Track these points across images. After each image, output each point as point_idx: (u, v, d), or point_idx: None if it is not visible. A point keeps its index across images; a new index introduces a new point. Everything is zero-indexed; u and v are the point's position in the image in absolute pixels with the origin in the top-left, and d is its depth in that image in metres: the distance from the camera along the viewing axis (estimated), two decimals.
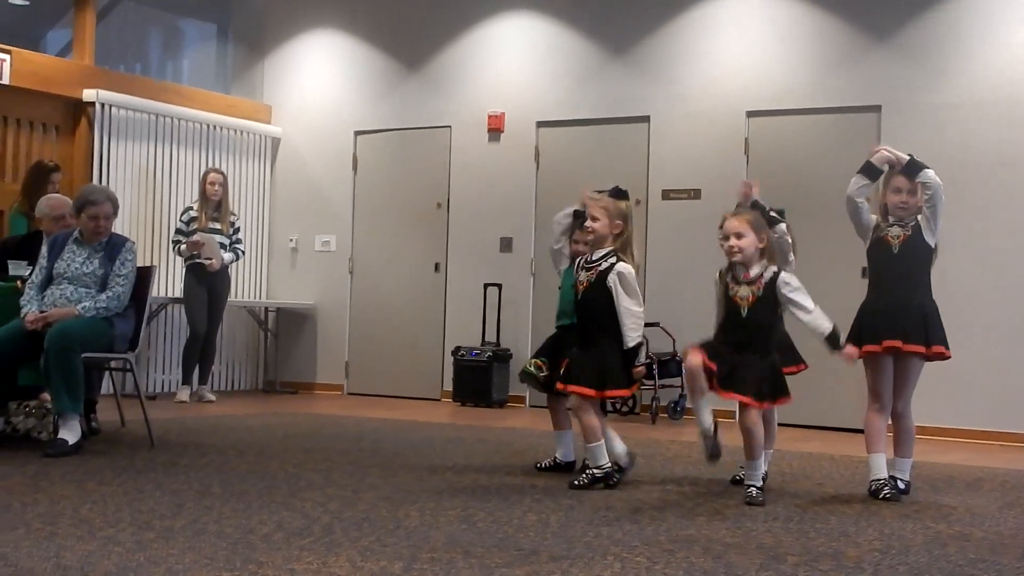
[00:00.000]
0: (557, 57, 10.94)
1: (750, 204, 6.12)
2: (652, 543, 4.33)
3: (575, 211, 6.08)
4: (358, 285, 11.84)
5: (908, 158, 5.68)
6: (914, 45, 9.45)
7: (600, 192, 5.96)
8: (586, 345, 5.77)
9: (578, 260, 5.92)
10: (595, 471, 5.71)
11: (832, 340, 5.49)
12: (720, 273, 5.67)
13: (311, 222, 12.08)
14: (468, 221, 11.23)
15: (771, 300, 5.53)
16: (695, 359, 5.41)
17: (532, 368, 6.25)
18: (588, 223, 5.76)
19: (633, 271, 5.74)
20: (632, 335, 5.68)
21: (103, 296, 6.59)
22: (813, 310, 5.51)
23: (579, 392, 5.68)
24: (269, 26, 12.44)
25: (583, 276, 5.77)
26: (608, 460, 5.75)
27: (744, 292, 5.57)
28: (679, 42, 10.37)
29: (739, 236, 5.54)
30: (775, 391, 5.57)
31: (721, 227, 5.62)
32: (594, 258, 5.76)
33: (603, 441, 5.74)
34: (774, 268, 5.58)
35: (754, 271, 5.56)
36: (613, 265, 5.70)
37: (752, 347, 5.52)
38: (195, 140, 11.51)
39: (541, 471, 6.25)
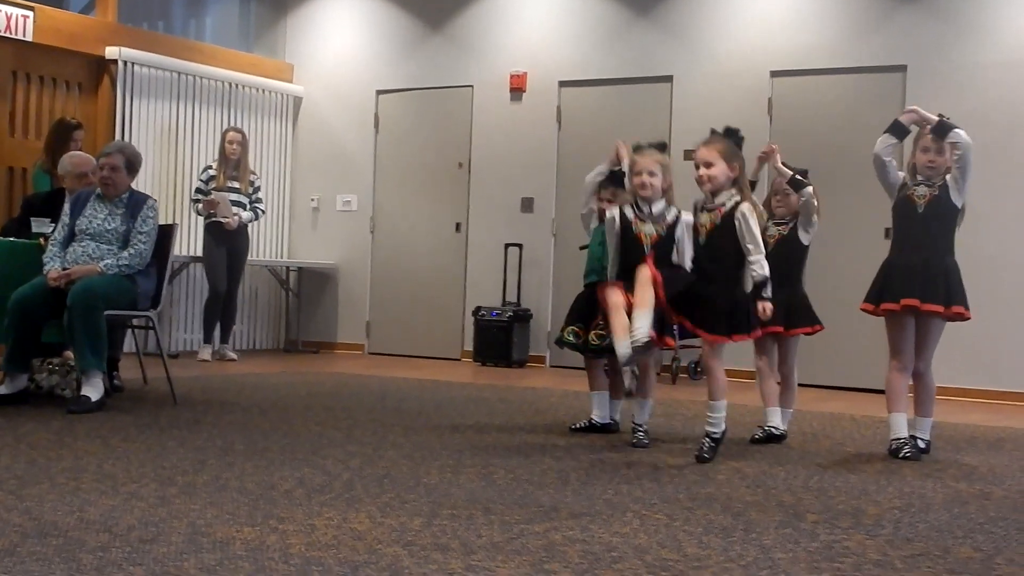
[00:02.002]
0: (580, 17, 10.88)
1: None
2: (671, 501, 4.34)
3: (612, 172, 6.04)
4: (379, 245, 11.85)
5: (938, 119, 5.63)
6: (940, 4, 9.35)
7: (644, 146, 5.87)
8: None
9: (631, 210, 5.77)
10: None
11: (761, 287, 5.37)
12: (694, 206, 5.56)
13: (333, 182, 12.07)
14: (489, 181, 11.21)
15: (729, 229, 5.36)
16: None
17: (571, 337, 6.16)
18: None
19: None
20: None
21: (125, 254, 6.61)
22: (760, 251, 5.37)
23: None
24: None
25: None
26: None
27: (704, 219, 5.45)
28: (703, 2, 10.29)
29: (708, 165, 5.41)
30: (733, 327, 5.38)
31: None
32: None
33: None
34: (737, 198, 5.41)
35: (719, 199, 5.43)
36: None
37: (714, 279, 5.38)
38: (217, 99, 11.51)
39: (575, 431, 6.20)
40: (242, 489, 4.24)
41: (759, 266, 5.37)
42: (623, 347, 5.29)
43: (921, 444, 5.73)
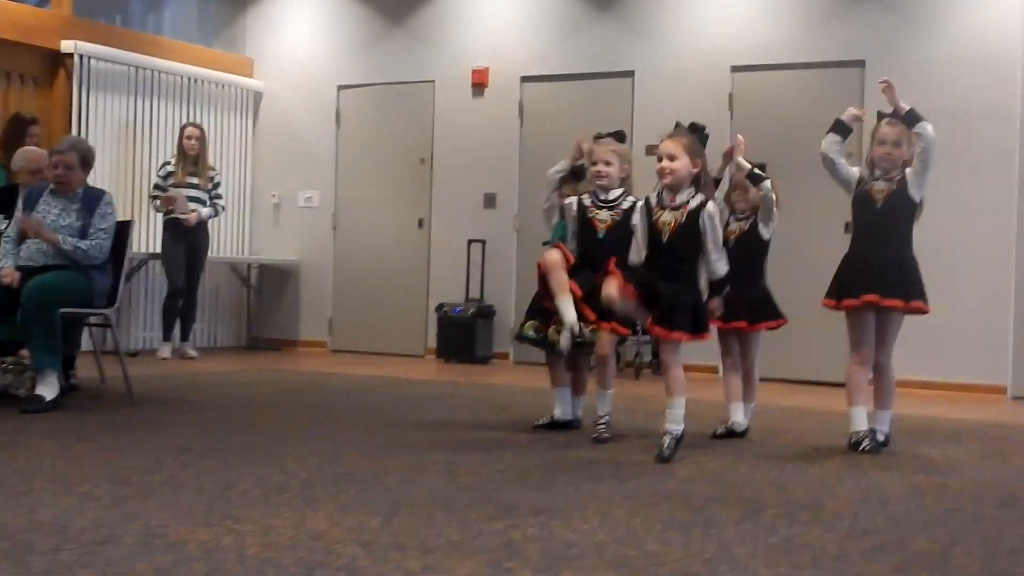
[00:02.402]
0: (542, 12, 10.86)
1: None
2: (632, 497, 4.33)
3: (573, 167, 6.04)
4: (341, 241, 11.79)
5: (908, 108, 5.64)
6: (899, 0, 9.40)
7: (603, 136, 5.91)
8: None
9: (588, 198, 5.82)
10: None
11: (718, 287, 5.39)
12: (646, 199, 5.47)
13: (294, 177, 12.00)
14: (452, 177, 11.18)
15: (694, 229, 5.29)
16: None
17: (532, 332, 6.12)
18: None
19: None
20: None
21: (84, 243, 6.53)
22: (721, 253, 5.35)
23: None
24: None
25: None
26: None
27: (667, 217, 5.33)
28: None
29: (672, 158, 5.32)
30: (696, 325, 5.29)
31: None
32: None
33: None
34: (702, 197, 5.33)
35: (680, 197, 5.34)
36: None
37: (677, 276, 5.29)
38: (176, 93, 11.42)
39: (537, 429, 6.15)
40: (198, 489, 4.20)
41: (721, 264, 5.35)
42: (564, 339, 5.48)
43: (881, 437, 5.74)
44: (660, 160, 5.38)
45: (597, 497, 4.30)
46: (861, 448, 5.57)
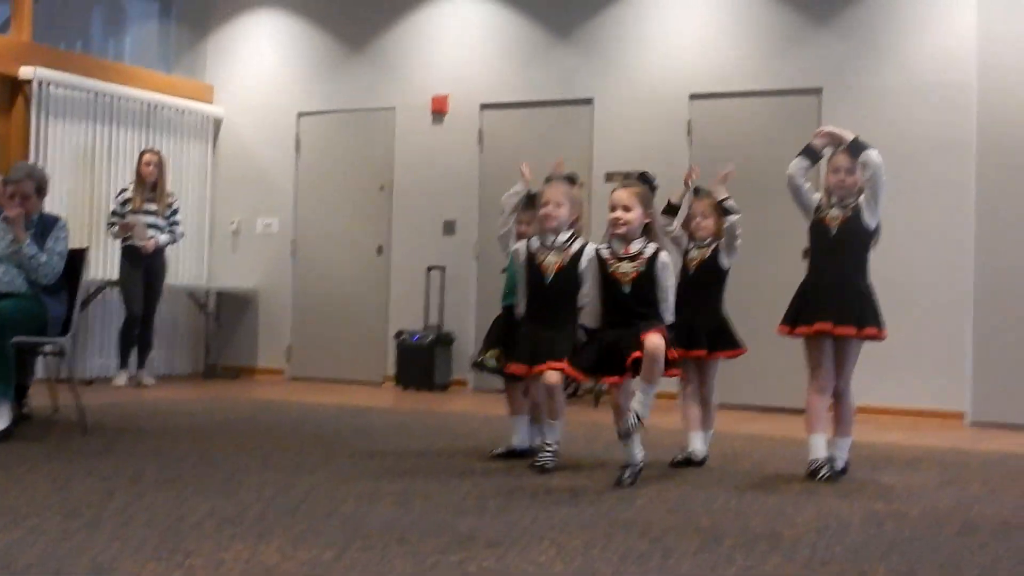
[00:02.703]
0: (502, 39, 10.87)
1: (693, 190, 6.14)
2: (590, 526, 4.30)
3: (531, 194, 6.04)
4: (300, 268, 11.74)
5: (852, 137, 5.68)
6: (855, 28, 9.47)
7: (554, 178, 5.89)
8: (558, 326, 5.69)
9: (536, 241, 5.83)
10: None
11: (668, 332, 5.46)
12: (597, 252, 5.55)
13: (253, 204, 11.94)
14: (411, 204, 11.15)
15: (651, 276, 5.41)
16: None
17: (492, 362, 6.14)
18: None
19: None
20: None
21: (43, 255, 6.49)
22: (671, 302, 5.47)
23: (568, 372, 5.51)
24: (213, 5, 12.27)
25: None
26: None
27: (626, 268, 5.43)
28: (623, 24, 10.34)
29: (627, 209, 5.44)
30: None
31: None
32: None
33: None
34: (655, 245, 5.46)
35: (634, 247, 5.45)
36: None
37: (637, 323, 5.35)
38: (135, 120, 11.34)
39: (495, 458, 6.11)
40: (150, 521, 4.13)
41: (671, 313, 5.47)
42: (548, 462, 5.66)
43: (840, 464, 5.75)
44: (615, 210, 5.46)
45: (554, 527, 4.27)
46: (820, 476, 5.57)
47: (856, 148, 5.65)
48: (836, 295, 5.63)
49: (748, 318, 6.96)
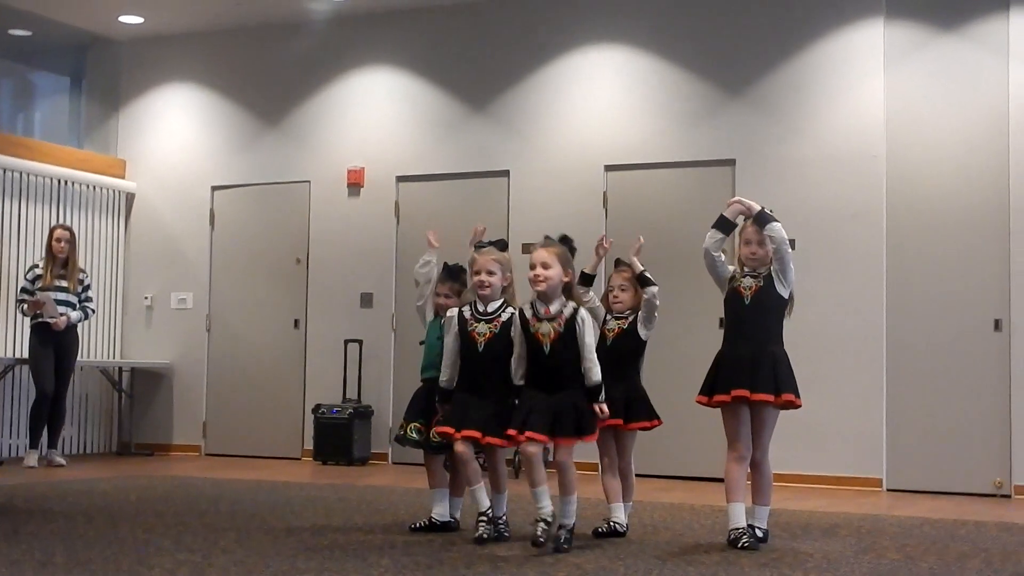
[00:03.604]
0: (417, 112, 10.93)
1: (614, 262, 6.19)
2: None
3: (448, 265, 6.05)
4: (216, 343, 11.60)
5: (759, 209, 5.77)
6: (766, 100, 9.66)
7: (485, 245, 5.90)
8: (490, 395, 5.69)
9: (468, 310, 5.81)
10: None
11: (594, 392, 5.52)
12: (520, 311, 5.65)
13: (167, 279, 11.81)
14: (328, 277, 11.10)
15: (572, 336, 5.51)
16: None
17: (414, 434, 6.12)
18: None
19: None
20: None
21: None
22: (592, 359, 5.53)
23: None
24: (123, 79, 12.19)
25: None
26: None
27: (546, 329, 5.55)
28: (538, 97, 10.44)
29: (546, 266, 5.56)
30: (581, 428, 5.51)
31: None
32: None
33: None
34: (573, 304, 5.58)
35: (554, 307, 5.56)
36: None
37: (562, 385, 5.50)
38: (45, 195, 11.20)
39: (415, 531, 6.08)
40: None
41: (595, 372, 5.53)
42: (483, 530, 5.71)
43: (759, 533, 5.76)
44: (533, 268, 5.57)
45: None
46: (740, 544, 5.58)
47: (761, 220, 5.75)
48: (752, 363, 5.68)
49: (665, 388, 7.00)
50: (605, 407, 5.56)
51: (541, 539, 5.40)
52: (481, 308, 5.78)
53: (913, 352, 9.05)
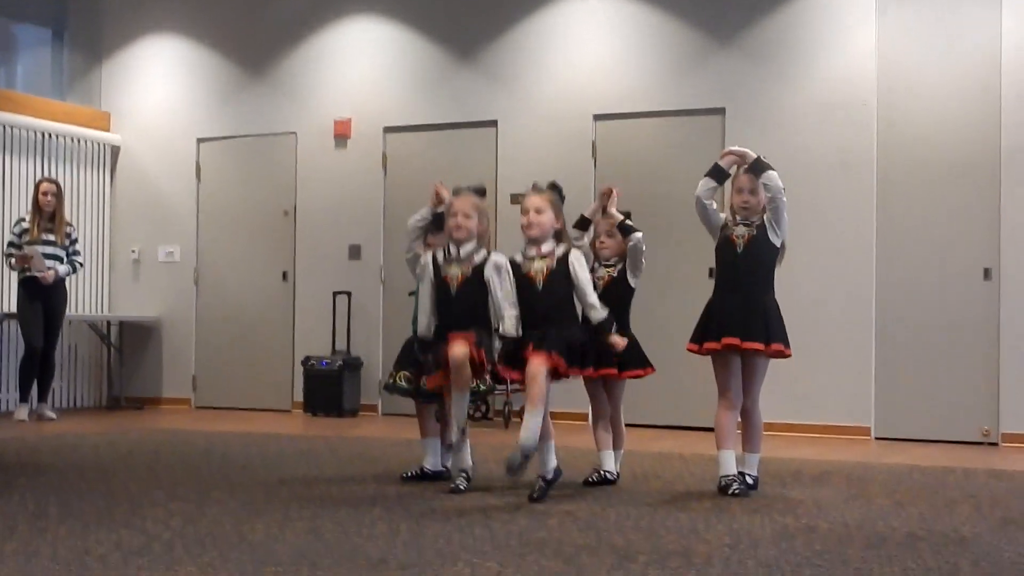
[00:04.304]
0: (404, 62, 10.85)
1: (602, 212, 6.15)
2: (503, 547, 4.27)
3: (435, 214, 6.01)
4: (204, 296, 11.58)
5: (755, 157, 5.74)
6: (756, 48, 9.60)
7: (463, 190, 5.87)
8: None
9: (441, 252, 5.79)
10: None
11: (605, 326, 5.58)
12: (511, 260, 5.68)
13: (154, 232, 11.77)
14: (316, 229, 11.07)
15: (565, 273, 5.57)
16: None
17: (403, 383, 6.12)
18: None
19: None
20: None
21: None
22: (592, 296, 5.58)
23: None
24: (107, 31, 12.09)
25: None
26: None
27: (538, 266, 5.61)
28: (526, 46, 10.38)
29: (539, 211, 5.61)
30: (572, 361, 5.51)
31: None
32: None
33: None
34: (565, 245, 5.64)
35: (546, 247, 5.62)
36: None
37: (553, 320, 5.53)
38: (29, 149, 11.13)
39: (406, 480, 6.10)
40: (54, 556, 4.02)
41: (599, 309, 5.59)
42: (454, 434, 5.59)
43: (749, 480, 5.79)
44: (526, 213, 5.60)
45: (467, 548, 4.23)
46: (730, 492, 5.61)
47: (756, 168, 5.72)
48: (743, 312, 5.68)
49: (655, 337, 6.99)
50: (623, 340, 5.65)
51: (514, 465, 5.35)
52: (454, 250, 5.74)
53: (903, 301, 9.06)
